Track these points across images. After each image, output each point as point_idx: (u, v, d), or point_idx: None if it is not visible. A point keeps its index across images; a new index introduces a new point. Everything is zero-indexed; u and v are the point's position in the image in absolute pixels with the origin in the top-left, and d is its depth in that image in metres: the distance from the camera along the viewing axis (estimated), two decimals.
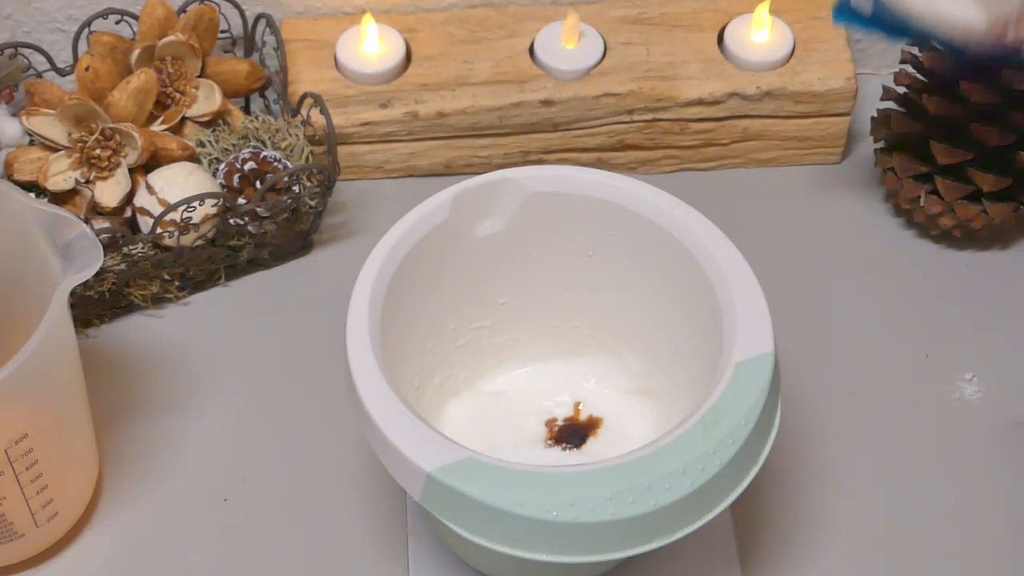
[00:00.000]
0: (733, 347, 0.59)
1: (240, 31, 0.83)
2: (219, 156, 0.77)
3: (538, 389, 0.71)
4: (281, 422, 0.73)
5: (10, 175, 0.75)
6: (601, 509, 0.54)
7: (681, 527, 0.57)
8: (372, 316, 0.61)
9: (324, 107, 0.77)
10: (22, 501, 0.64)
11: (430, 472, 0.55)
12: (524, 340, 0.71)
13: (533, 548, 0.56)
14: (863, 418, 0.74)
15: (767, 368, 0.59)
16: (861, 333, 0.77)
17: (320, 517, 0.70)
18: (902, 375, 0.76)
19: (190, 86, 0.79)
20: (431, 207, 0.64)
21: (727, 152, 0.84)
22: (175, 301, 0.78)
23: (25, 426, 0.61)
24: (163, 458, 0.72)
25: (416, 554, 0.68)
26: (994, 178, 0.77)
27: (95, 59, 0.76)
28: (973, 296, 0.79)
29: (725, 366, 0.59)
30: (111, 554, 0.69)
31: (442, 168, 0.83)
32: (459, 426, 0.69)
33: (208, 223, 0.74)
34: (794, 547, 0.69)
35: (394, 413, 0.57)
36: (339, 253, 0.81)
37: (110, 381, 0.74)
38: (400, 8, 0.85)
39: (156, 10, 0.78)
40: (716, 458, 0.56)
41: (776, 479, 0.71)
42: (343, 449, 0.72)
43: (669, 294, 0.65)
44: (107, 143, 0.74)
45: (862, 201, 0.84)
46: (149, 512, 0.70)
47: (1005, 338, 0.77)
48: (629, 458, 0.56)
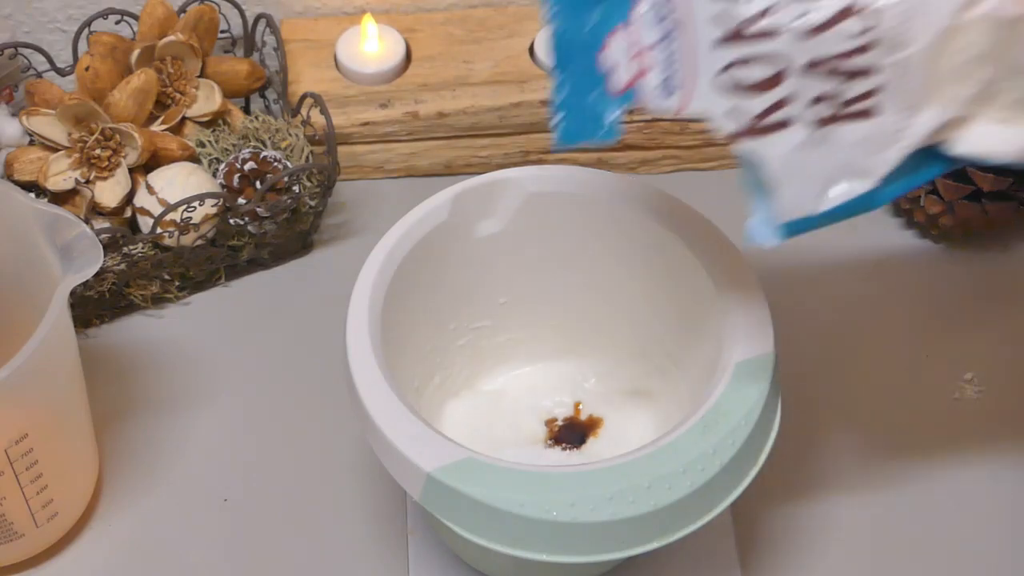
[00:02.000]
0: (733, 347, 0.59)
1: (240, 31, 0.83)
2: (219, 156, 0.77)
3: (538, 389, 0.71)
4: (281, 422, 0.73)
5: (10, 175, 0.75)
6: (601, 509, 0.54)
7: (681, 527, 0.57)
8: (372, 316, 0.61)
9: (324, 107, 0.77)
10: (22, 501, 0.64)
11: (430, 472, 0.55)
12: (524, 340, 0.71)
13: (533, 548, 0.56)
14: (863, 418, 0.74)
15: (767, 368, 0.59)
16: (861, 333, 0.77)
17: (320, 517, 0.70)
18: (902, 375, 0.76)
19: (190, 86, 0.79)
20: (431, 207, 0.64)
21: (727, 152, 0.84)
22: (175, 301, 0.78)
23: (25, 426, 0.61)
24: (163, 458, 0.72)
25: (416, 554, 0.68)
26: (994, 178, 0.77)
27: (95, 59, 0.76)
28: (973, 296, 0.79)
29: (725, 366, 0.59)
30: (111, 554, 0.69)
31: (442, 168, 0.83)
32: (459, 426, 0.69)
33: (208, 223, 0.74)
34: (794, 547, 0.69)
35: (394, 413, 0.57)
36: (339, 253, 0.81)
37: (110, 381, 0.74)
38: (400, 8, 0.85)
39: (156, 10, 0.78)
40: (716, 458, 0.56)
41: (776, 479, 0.71)
42: (343, 449, 0.72)
43: (669, 294, 0.65)
44: (107, 143, 0.74)
45: None
46: (149, 512, 0.70)
47: (1005, 338, 0.77)
48: (629, 458, 0.56)
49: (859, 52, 0.47)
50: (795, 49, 0.47)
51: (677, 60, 0.50)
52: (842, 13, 0.46)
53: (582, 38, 0.51)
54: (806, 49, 0.47)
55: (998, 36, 0.47)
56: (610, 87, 0.51)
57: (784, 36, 0.47)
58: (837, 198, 0.50)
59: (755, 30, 0.47)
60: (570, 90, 0.52)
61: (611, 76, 0.51)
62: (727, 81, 0.49)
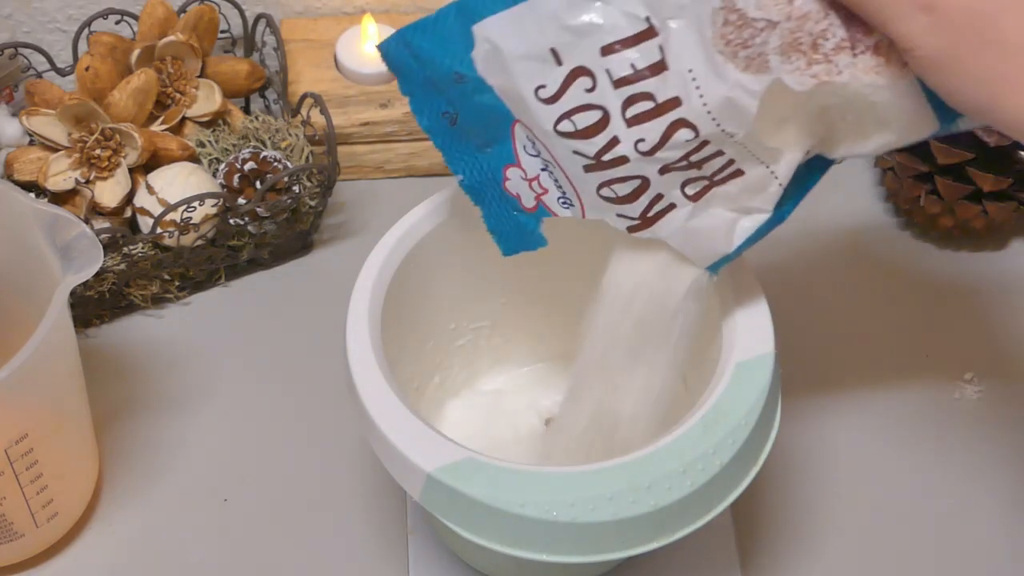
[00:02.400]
0: (733, 347, 0.59)
1: (240, 31, 0.83)
2: (219, 156, 0.77)
3: (538, 389, 0.71)
4: (281, 422, 0.73)
5: (10, 175, 0.75)
6: (601, 509, 0.54)
7: (681, 527, 0.56)
8: (372, 316, 0.61)
9: (324, 107, 0.77)
10: (22, 501, 0.64)
11: (430, 472, 0.55)
12: (524, 340, 0.71)
13: (533, 548, 0.56)
14: (863, 418, 0.74)
15: (767, 368, 0.59)
16: (861, 333, 0.77)
17: (320, 517, 0.70)
18: (902, 375, 0.76)
19: (190, 86, 0.79)
20: (431, 207, 0.64)
21: None
22: (175, 301, 0.78)
23: (25, 426, 0.61)
24: (163, 458, 0.72)
25: (416, 554, 0.68)
26: (994, 178, 0.77)
27: (95, 59, 0.76)
28: (973, 296, 0.79)
29: (725, 366, 0.59)
30: (111, 554, 0.69)
31: (442, 168, 0.83)
32: (459, 426, 0.69)
33: (208, 223, 0.74)
34: (794, 547, 0.69)
35: (394, 413, 0.57)
36: (339, 253, 0.81)
37: (110, 381, 0.74)
38: (400, 8, 0.85)
39: (156, 10, 0.78)
40: (716, 458, 0.56)
41: (776, 479, 0.71)
42: (343, 449, 0.72)
43: None
44: (107, 143, 0.74)
45: (862, 201, 0.84)
46: (149, 512, 0.70)
47: (1005, 338, 0.77)
48: (629, 458, 0.56)
49: (698, 149, 0.53)
50: (646, 164, 0.53)
51: (563, 183, 0.57)
52: (670, 129, 0.52)
53: (484, 178, 0.58)
54: (655, 161, 0.53)
55: (809, 101, 0.51)
56: (523, 207, 0.58)
57: (633, 159, 0.53)
58: (744, 233, 0.56)
59: (607, 159, 0.54)
60: (495, 218, 0.60)
61: (520, 200, 0.58)
62: (606, 195, 0.55)
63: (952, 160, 0.77)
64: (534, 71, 0.53)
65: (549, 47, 0.52)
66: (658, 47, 0.51)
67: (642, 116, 0.52)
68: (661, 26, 0.51)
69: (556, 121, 0.54)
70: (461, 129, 0.58)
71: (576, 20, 0.52)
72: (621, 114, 0.53)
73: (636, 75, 0.52)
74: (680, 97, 0.52)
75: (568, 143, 0.54)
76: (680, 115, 0.52)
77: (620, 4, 0.51)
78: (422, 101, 0.58)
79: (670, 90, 0.52)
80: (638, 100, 0.52)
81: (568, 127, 0.54)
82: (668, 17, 0.51)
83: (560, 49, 0.52)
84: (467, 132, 0.58)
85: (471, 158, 0.59)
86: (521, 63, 0.53)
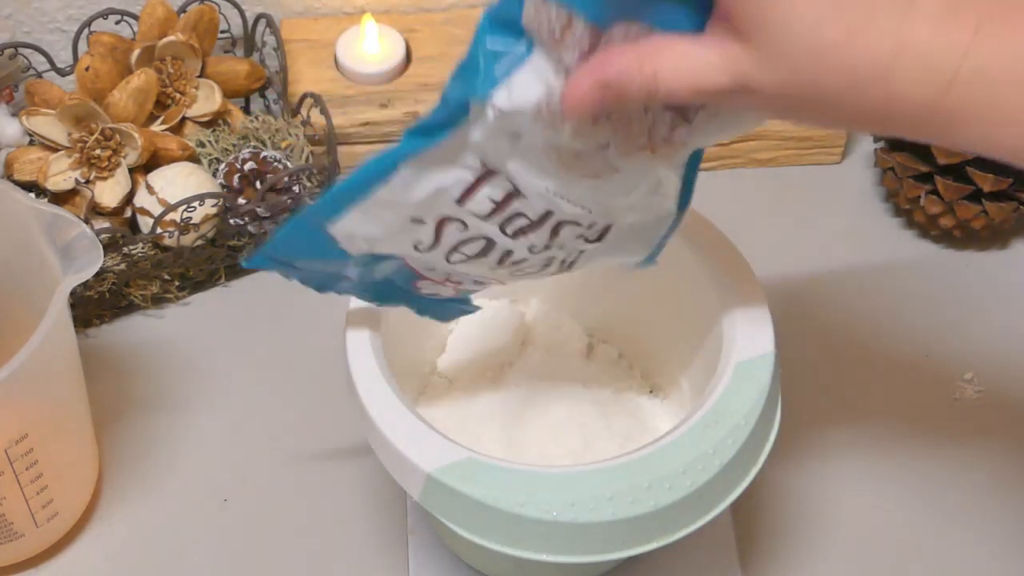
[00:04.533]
0: (733, 347, 0.59)
1: (240, 31, 0.83)
2: (219, 156, 0.77)
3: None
4: (281, 422, 0.73)
5: (10, 175, 0.75)
6: (601, 509, 0.54)
7: (681, 527, 0.56)
8: (372, 316, 0.61)
9: (324, 107, 0.77)
10: (22, 501, 0.64)
11: (430, 472, 0.55)
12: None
13: (533, 548, 0.56)
14: (863, 418, 0.74)
15: (767, 368, 0.59)
16: (861, 333, 0.77)
17: (320, 517, 0.70)
18: (902, 375, 0.76)
19: (190, 86, 0.79)
20: None
21: (727, 152, 0.84)
22: (175, 301, 0.78)
23: (25, 426, 0.61)
24: (163, 458, 0.72)
25: (416, 554, 0.68)
26: (994, 178, 0.77)
27: (95, 59, 0.76)
28: (973, 296, 0.79)
29: (725, 366, 0.59)
30: (111, 554, 0.69)
31: None
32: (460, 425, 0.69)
33: (208, 223, 0.74)
34: (794, 547, 0.69)
35: (394, 413, 0.57)
36: None
37: (110, 381, 0.74)
38: (400, 8, 0.85)
39: (156, 10, 0.78)
40: (716, 458, 0.56)
41: (776, 479, 0.71)
42: (343, 449, 0.72)
43: (670, 295, 0.65)
44: (107, 143, 0.74)
45: (862, 201, 0.84)
46: (149, 512, 0.70)
47: (1005, 338, 0.77)
48: (629, 458, 0.56)
49: (590, 227, 0.55)
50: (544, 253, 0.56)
51: (474, 279, 0.59)
52: (555, 230, 0.54)
53: (399, 294, 0.60)
54: (555, 247, 0.56)
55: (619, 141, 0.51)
56: (444, 296, 0.61)
57: (531, 256, 0.56)
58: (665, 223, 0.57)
59: (509, 262, 0.57)
60: (420, 307, 0.61)
61: (439, 294, 0.61)
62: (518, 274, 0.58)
63: (952, 160, 0.77)
64: (404, 237, 0.55)
65: (408, 218, 0.54)
66: (507, 180, 0.52)
67: (525, 229, 0.54)
68: (501, 167, 0.52)
69: (446, 256, 0.56)
70: (374, 286, 0.60)
71: (421, 194, 0.53)
72: (503, 233, 0.55)
73: (500, 206, 0.53)
74: (551, 209, 0.53)
75: (466, 265, 0.57)
76: (559, 219, 0.54)
77: (455, 165, 0.52)
78: (330, 285, 0.60)
79: (538, 207, 0.53)
80: (513, 220, 0.54)
81: (460, 257, 0.56)
82: (505, 159, 0.51)
83: (419, 216, 0.54)
84: (378, 286, 0.60)
85: (376, 293, 0.60)
86: (389, 239, 0.55)
